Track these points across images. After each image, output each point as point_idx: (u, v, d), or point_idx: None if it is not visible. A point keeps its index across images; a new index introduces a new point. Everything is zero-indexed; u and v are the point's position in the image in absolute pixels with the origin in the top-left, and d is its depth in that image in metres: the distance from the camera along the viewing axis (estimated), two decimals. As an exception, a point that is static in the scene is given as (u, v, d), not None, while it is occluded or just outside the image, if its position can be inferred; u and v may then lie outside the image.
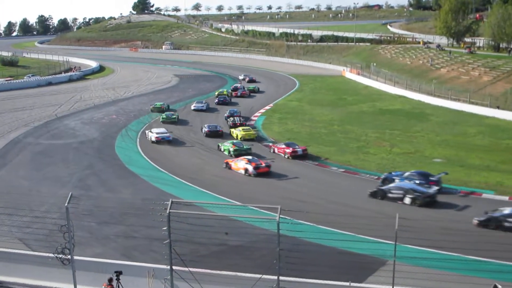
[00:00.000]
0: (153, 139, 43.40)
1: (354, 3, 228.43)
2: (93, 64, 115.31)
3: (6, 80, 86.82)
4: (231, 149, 39.10)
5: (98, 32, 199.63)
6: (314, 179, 33.64)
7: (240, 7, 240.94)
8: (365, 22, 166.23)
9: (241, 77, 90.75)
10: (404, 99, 67.19)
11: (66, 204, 16.60)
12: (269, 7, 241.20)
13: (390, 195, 28.57)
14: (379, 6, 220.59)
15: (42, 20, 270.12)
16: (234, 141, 41.72)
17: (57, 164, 36.97)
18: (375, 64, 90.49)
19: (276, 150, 40.28)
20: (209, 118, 55.18)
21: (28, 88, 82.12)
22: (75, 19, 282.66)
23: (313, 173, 35.37)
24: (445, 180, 32.51)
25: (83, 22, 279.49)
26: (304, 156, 38.85)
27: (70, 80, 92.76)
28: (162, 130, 45.47)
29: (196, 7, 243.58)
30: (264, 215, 22.57)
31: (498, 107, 55.65)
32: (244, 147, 39.74)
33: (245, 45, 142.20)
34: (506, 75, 67.41)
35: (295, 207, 23.89)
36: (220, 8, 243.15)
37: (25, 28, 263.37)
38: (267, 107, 63.12)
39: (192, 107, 60.71)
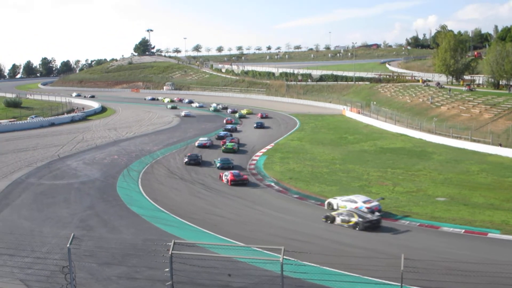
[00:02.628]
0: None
1: (353, 43, 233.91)
2: (95, 105, 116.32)
3: (10, 121, 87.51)
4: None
5: (100, 74, 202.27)
6: (316, 219, 33.41)
7: (239, 48, 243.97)
8: (364, 61, 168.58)
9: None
10: (405, 137, 67.41)
11: (68, 245, 16.50)
12: (268, 48, 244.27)
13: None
14: (377, 45, 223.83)
15: (46, 62, 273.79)
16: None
17: (59, 204, 36.83)
18: (375, 102, 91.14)
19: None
20: (216, 154, 55.35)
21: (31, 129, 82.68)
22: (77, 61, 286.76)
23: (316, 212, 35.16)
24: (448, 220, 32.35)
25: (85, 64, 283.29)
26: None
27: (73, 121, 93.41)
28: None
29: (197, 48, 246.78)
30: (268, 256, 22.27)
31: (500, 145, 55.79)
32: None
33: (245, 85, 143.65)
34: (507, 112, 67.79)
35: (298, 247, 23.63)
36: (220, 49, 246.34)
37: (29, 70, 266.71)
38: (269, 147, 63.29)
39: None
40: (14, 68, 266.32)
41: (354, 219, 30.83)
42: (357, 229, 30.39)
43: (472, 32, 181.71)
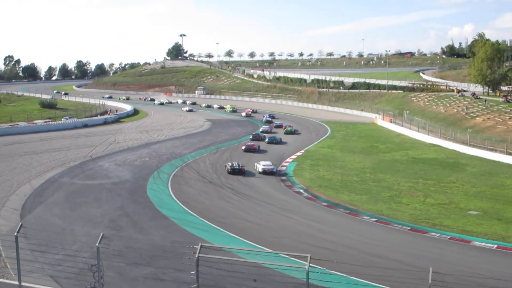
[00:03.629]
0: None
1: (386, 51, 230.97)
2: (128, 107, 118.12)
3: (45, 122, 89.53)
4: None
5: (134, 77, 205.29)
6: (345, 227, 33.22)
7: (271, 54, 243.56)
8: (397, 69, 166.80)
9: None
10: (438, 148, 66.46)
11: (97, 244, 16.79)
12: (301, 54, 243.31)
13: None
14: (411, 54, 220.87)
15: (80, 65, 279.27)
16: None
17: (90, 204, 37.50)
18: (408, 111, 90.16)
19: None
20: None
21: (65, 130, 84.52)
22: (111, 64, 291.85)
23: (344, 221, 34.97)
24: (480, 234, 31.76)
25: (119, 67, 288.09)
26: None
27: (106, 122, 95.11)
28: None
29: (229, 53, 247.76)
30: (294, 263, 22.22)
31: (536, 158, 54.49)
32: None
33: (277, 91, 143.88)
34: (545, 125, 66.16)
35: (325, 255, 23.53)
36: (252, 54, 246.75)
37: (64, 72, 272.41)
38: (299, 153, 63.21)
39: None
40: (50, 70, 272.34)
41: None
42: None
43: (510, 41, 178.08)
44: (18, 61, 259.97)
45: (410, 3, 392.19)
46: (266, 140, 71.18)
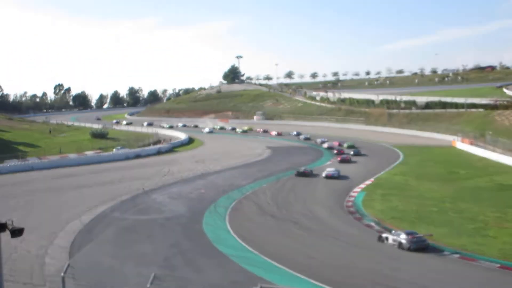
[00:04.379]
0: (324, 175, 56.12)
1: (463, 65, 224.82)
2: (182, 136, 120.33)
3: (96, 153, 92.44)
4: None
5: (188, 103, 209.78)
6: (423, 265, 32.01)
7: (335, 74, 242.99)
8: (477, 85, 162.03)
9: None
10: (528, 173, 63.68)
11: (148, 285, 16.74)
12: (367, 73, 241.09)
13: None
14: (492, 68, 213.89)
15: (132, 92, 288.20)
16: None
17: (142, 241, 37.90)
18: (491, 132, 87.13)
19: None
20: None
21: (116, 161, 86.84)
22: (164, 91, 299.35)
23: (422, 258, 33.65)
24: None
25: (172, 93, 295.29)
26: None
27: (159, 152, 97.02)
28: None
29: (289, 75, 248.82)
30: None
31: None
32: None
33: (342, 114, 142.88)
34: None
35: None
36: (314, 75, 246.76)
37: (116, 100, 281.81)
38: (368, 182, 62.01)
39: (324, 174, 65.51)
40: (101, 98, 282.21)
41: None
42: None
43: None
44: (68, 90, 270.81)
45: (489, 12, 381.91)
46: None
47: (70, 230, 41.02)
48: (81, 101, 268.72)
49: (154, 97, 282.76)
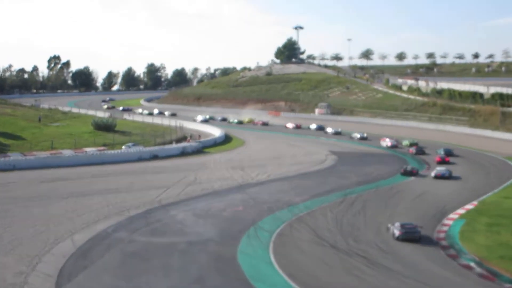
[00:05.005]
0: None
1: None
2: (217, 132, 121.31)
3: (99, 150, 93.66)
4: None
5: (226, 88, 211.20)
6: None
7: (430, 55, 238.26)
8: None
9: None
10: None
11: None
12: (475, 56, 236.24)
13: None
14: None
15: (152, 70, 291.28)
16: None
17: (155, 272, 38.07)
18: None
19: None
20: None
21: (126, 162, 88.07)
22: (195, 70, 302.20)
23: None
24: None
25: (206, 74, 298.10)
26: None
27: (184, 153, 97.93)
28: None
29: (366, 54, 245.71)
30: None
31: None
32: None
33: (437, 110, 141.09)
34: None
35: None
36: (401, 56, 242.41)
37: (130, 80, 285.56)
38: (469, 206, 60.89)
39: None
40: (110, 77, 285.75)
41: None
42: None
43: None
44: (66, 64, 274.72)
45: None
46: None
47: (58, 252, 41.53)
48: (83, 80, 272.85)
49: (180, 78, 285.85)
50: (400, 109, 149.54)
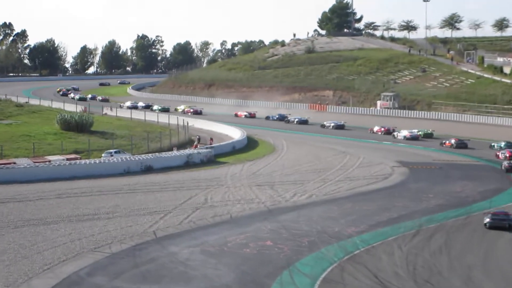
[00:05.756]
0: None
1: None
2: (236, 133, 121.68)
3: (68, 160, 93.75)
4: None
5: (249, 70, 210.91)
6: None
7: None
8: None
9: None
10: None
11: None
12: None
13: None
14: None
15: (144, 45, 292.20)
16: None
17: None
18: None
19: None
20: None
21: (107, 177, 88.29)
22: (205, 46, 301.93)
23: None
24: None
25: (221, 51, 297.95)
26: None
27: (189, 164, 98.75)
28: None
29: (451, 21, 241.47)
30: None
31: None
32: None
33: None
34: None
35: None
36: (502, 24, 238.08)
37: (112, 59, 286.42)
38: None
39: None
40: (84, 54, 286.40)
41: None
42: None
43: None
44: (21, 36, 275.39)
45: None
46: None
47: (9, 305, 41.68)
48: (46, 58, 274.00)
49: (184, 56, 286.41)
50: (501, 101, 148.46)
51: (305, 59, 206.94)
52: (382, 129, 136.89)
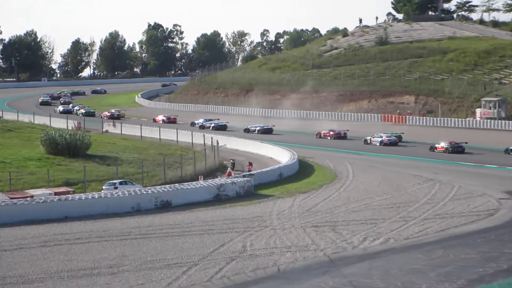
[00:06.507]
0: None
1: None
2: (284, 156, 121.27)
3: (57, 194, 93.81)
4: None
5: (299, 70, 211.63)
6: None
7: None
8: None
9: None
10: None
11: None
12: None
13: None
14: None
15: (157, 37, 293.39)
16: None
17: None
18: None
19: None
20: None
21: (110, 217, 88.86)
22: (239, 36, 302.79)
23: None
24: None
25: (261, 43, 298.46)
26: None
27: (220, 198, 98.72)
28: None
29: None
30: None
31: None
32: None
33: None
34: None
35: None
36: None
37: (114, 57, 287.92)
38: None
39: None
40: (77, 50, 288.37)
41: None
42: None
43: None
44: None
45: None
46: None
47: None
48: (26, 57, 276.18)
49: (211, 52, 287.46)
50: None
51: (376, 53, 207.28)
52: (331, 132, 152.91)
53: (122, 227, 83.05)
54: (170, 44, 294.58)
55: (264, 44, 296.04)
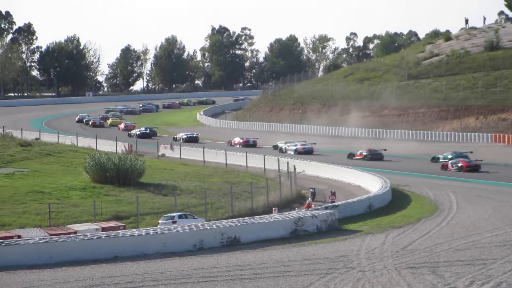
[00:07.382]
0: None
1: None
2: (374, 184, 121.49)
3: (105, 230, 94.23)
4: None
5: (392, 81, 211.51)
6: None
7: None
8: None
9: None
10: None
11: None
12: None
13: None
14: None
15: (222, 44, 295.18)
16: None
17: None
18: None
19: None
20: None
21: (168, 256, 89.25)
22: (321, 42, 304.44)
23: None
24: None
25: (347, 49, 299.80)
26: None
27: (297, 234, 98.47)
28: None
29: None
30: None
31: None
32: None
33: None
34: None
35: None
36: None
37: (172, 67, 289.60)
38: None
39: None
40: (127, 59, 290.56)
41: None
42: None
43: None
44: (27, 32, 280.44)
45: None
46: None
47: None
48: (67, 68, 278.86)
49: (287, 60, 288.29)
50: None
51: (485, 60, 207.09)
52: (241, 140, 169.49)
53: (182, 269, 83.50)
54: (238, 52, 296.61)
55: (351, 50, 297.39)
